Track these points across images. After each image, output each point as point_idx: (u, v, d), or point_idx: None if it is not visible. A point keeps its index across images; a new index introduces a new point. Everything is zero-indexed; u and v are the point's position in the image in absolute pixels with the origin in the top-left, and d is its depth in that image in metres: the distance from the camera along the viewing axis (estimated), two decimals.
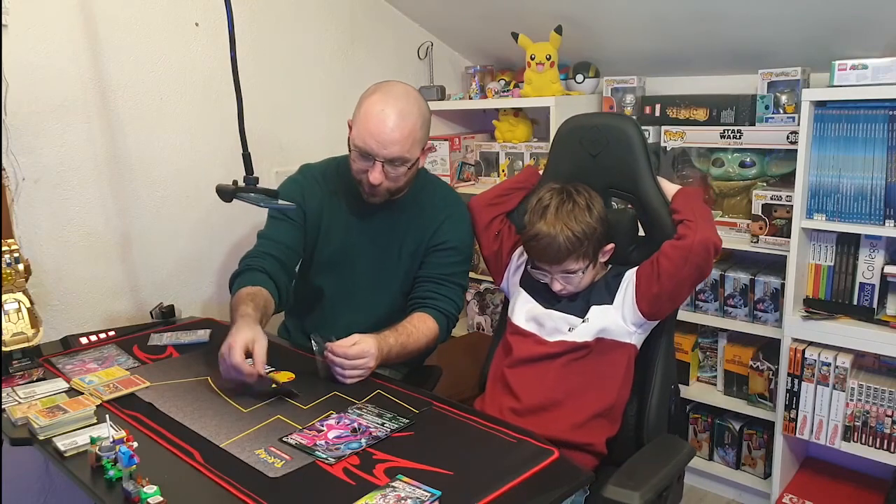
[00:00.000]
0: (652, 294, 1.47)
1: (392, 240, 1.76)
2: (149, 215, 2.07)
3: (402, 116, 1.59)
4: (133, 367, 1.57)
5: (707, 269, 1.46)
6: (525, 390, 1.52)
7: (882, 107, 1.78)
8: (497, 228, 1.71)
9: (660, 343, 1.56)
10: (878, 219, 1.82)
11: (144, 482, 1.06)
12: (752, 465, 2.31)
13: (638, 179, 1.58)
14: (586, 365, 1.51)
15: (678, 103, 2.30)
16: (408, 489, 1.03)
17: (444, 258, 1.75)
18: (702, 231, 1.44)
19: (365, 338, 1.49)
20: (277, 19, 2.31)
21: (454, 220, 1.77)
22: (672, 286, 1.46)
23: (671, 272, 1.45)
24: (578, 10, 2.34)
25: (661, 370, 1.55)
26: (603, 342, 1.51)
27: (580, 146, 1.65)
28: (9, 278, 1.56)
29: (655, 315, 1.51)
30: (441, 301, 1.72)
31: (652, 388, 1.54)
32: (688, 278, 1.46)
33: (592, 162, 1.64)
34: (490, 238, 1.73)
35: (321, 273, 1.81)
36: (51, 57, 1.82)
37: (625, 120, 1.64)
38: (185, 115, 2.11)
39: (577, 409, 1.48)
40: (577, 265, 1.51)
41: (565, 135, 1.70)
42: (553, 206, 1.51)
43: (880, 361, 1.99)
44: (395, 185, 1.66)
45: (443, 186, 1.86)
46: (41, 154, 1.83)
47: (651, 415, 1.53)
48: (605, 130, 1.62)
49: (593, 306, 1.53)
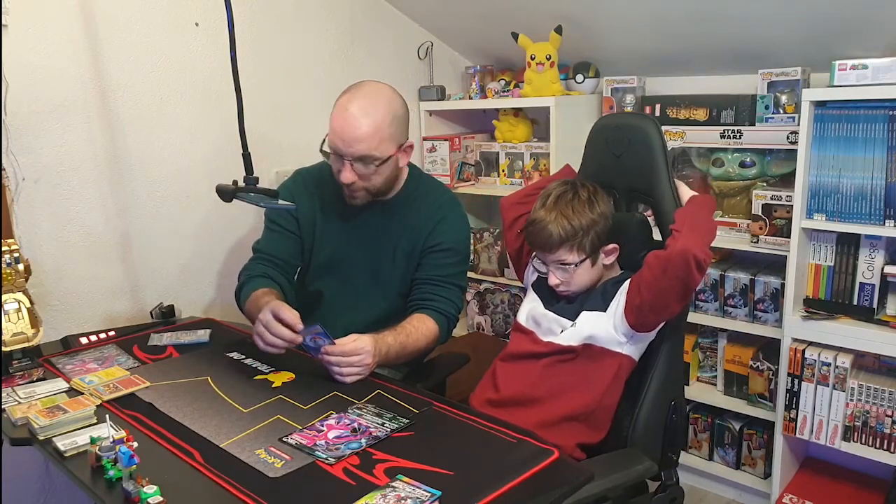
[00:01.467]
0: (635, 304, 1.46)
1: (386, 242, 1.76)
2: (149, 215, 2.07)
3: (367, 114, 1.58)
4: (133, 367, 1.57)
5: (691, 282, 1.40)
6: (506, 383, 1.54)
7: (882, 107, 1.78)
8: (520, 226, 1.69)
9: (657, 357, 1.53)
10: (878, 219, 1.82)
11: (144, 482, 1.05)
12: (752, 465, 2.31)
13: (655, 181, 1.57)
14: (569, 369, 1.51)
15: (678, 103, 2.30)
16: (408, 489, 1.03)
17: (440, 259, 1.74)
18: (683, 242, 1.39)
19: (362, 336, 1.49)
20: (277, 19, 2.31)
21: (449, 221, 1.76)
22: (652, 297, 1.42)
23: (650, 282, 1.43)
24: (578, 10, 2.34)
25: (655, 383, 1.51)
26: (591, 349, 1.50)
27: (605, 146, 1.65)
28: (9, 278, 1.56)
29: (642, 326, 1.48)
30: (440, 302, 1.72)
31: (642, 400, 1.50)
32: (670, 290, 1.42)
33: (616, 162, 1.63)
34: (513, 236, 1.74)
35: (319, 277, 1.81)
36: (51, 57, 1.82)
37: (646, 120, 1.62)
38: (185, 115, 2.11)
39: (551, 408, 1.48)
40: (571, 257, 1.51)
41: (594, 135, 1.70)
42: (554, 195, 1.53)
43: (880, 361, 1.99)
44: (371, 185, 1.66)
45: (437, 187, 1.85)
46: (41, 154, 1.83)
47: (638, 426, 1.49)
48: (627, 130, 1.61)
49: (585, 311, 1.53)
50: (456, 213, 1.79)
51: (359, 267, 1.78)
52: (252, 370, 1.54)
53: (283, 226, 1.80)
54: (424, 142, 2.84)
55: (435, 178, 1.93)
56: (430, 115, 2.86)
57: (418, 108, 2.84)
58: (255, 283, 1.72)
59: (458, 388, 1.90)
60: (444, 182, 2.76)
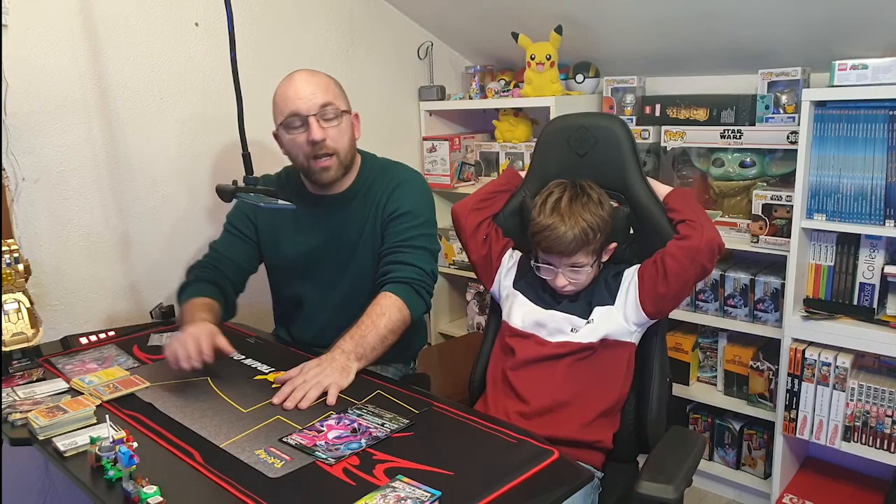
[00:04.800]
0: (658, 294, 1.48)
1: (351, 232, 1.74)
2: (149, 215, 2.07)
3: (313, 75, 1.66)
4: (133, 367, 1.57)
5: (710, 268, 1.48)
6: (532, 393, 1.51)
7: (882, 107, 1.78)
8: (485, 233, 1.68)
9: (655, 340, 1.58)
10: (879, 219, 1.82)
11: (144, 482, 1.05)
12: (752, 466, 2.31)
13: (627, 178, 1.58)
14: (590, 365, 1.51)
15: (678, 103, 2.30)
16: (408, 489, 1.03)
17: (399, 225, 1.68)
18: (707, 231, 1.45)
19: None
20: (277, 19, 2.31)
21: (404, 187, 1.72)
22: (678, 286, 1.48)
23: (677, 273, 1.45)
24: (578, 10, 2.34)
25: (658, 366, 1.57)
26: (606, 342, 1.52)
27: (567, 146, 1.65)
28: (9, 278, 1.56)
29: (659, 314, 1.53)
30: (400, 271, 1.63)
31: (652, 385, 1.56)
32: (693, 277, 1.48)
33: (580, 161, 1.63)
34: (478, 243, 1.68)
35: (294, 279, 1.80)
36: (51, 57, 1.82)
37: (612, 119, 1.64)
38: (185, 115, 2.11)
39: (583, 408, 1.49)
40: (586, 259, 1.50)
41: (551, 135, 1.69)
42: (567, 198, 1.51)
43: (880, 361, 1.99)
44: (339, 147, 1.65)
45: (394, 164, 1.81)
46: (41, 154, 1.83)
47: (653, 410, 1.55)
48: (593, 130, 1.62)
49: (596, 307, 1.53)
50: (412, 179, 1.75)
51: (330, 263, 1.76)
52: (252, 370, 1.54)
53: (241, 231, 1.80)
54: (424, 142, 2.84)
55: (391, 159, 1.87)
56: (430, 115, 2.86)
57: (418, 108, 2.84)
58: (202, 287, 1.71)
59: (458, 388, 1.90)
60: (445, 182, 2.78)
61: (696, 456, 1.37)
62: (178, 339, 1.47)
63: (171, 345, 1.48)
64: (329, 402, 1.35)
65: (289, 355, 1.60)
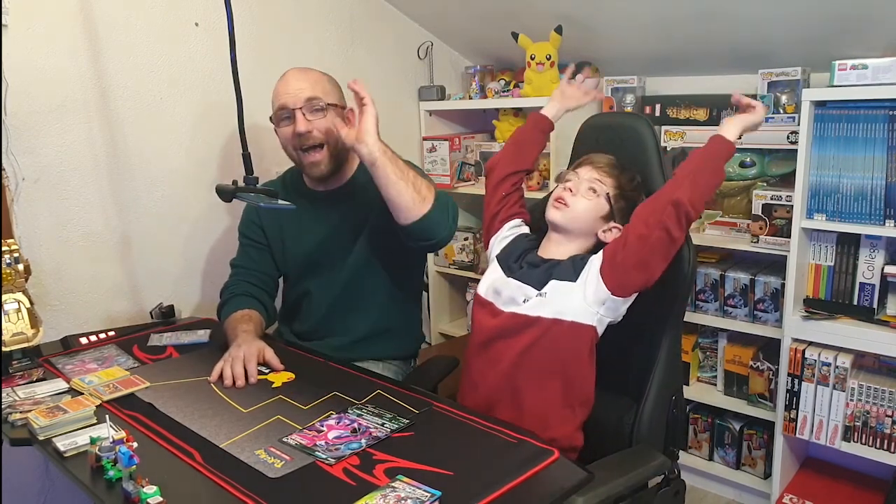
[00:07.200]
0: (616, 261, 1.39)
1: (353, 223, 1.75)
2: (149, 215, 2.07)
3: (304, 71, 1.71)
4: (133, 367, 1.57)
5: (677, 236, 1.35)
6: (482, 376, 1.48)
7: (882, 107, 1.78)
8: (506, 191, 1.65)
9: (659, 351, 1.50)
10: (879, 219, 1.82)
11: (144, 482, 1.05)
12: (752, 466, 2.31)
13: (649, 179, 1.57)
14: (546, 350, 1.42)
15: (678, 103, 2.30)
16: (408, 489, 1.03)
17: None
18: (682, 190, 1.36)
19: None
20: (277, 19, 2.31)
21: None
22: (639, 250, 1.36)
23: (641, 233, 1.36)
24: (578, 10, 2.34)
25: (658, 378, 1.49)
26: (561, 324, 1.41)
27: (597, 145, 1.65)
28: (9, 278, 1.56)
29: (621, 288, 1.39)
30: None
31: (645, 397, 1.48)
32: (658, 242, 1.35)
33: None
34: (497, 198, 1.65)
35: (302, 276, 1.82)
36: (51, 57, 1.82)
37: (638, 119, 1.63)
38: (185, 114, 2.11)
39: (540, 399, 1.42)
40: (603, 187, 1.48)
41: (585, 133, 1.70)
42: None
43: (880, 361, 1.99)
44: (328, 137, 1.66)
45: None
46: (41, 154, 1.83)
47: (643, 423, 1.47)
48: (620, 130, 1.62)
49: (553, 280, 1.43)
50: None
51: (334, 256, 1.77)
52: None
53: (253, 238, 1.84)
54: (424, 142, 2.84)
55: None
56: (430, 114, 2.86)
57: (418, 107, 2.84)
58: (236, 302, 1.75)
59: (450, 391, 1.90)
60: (445, 182, 2.78)
61: (640, 475, 1.31)
62: (227, 360, 1.51)
63: (221, 365, 1.50)
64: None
65: (289, 356, 1.60)
